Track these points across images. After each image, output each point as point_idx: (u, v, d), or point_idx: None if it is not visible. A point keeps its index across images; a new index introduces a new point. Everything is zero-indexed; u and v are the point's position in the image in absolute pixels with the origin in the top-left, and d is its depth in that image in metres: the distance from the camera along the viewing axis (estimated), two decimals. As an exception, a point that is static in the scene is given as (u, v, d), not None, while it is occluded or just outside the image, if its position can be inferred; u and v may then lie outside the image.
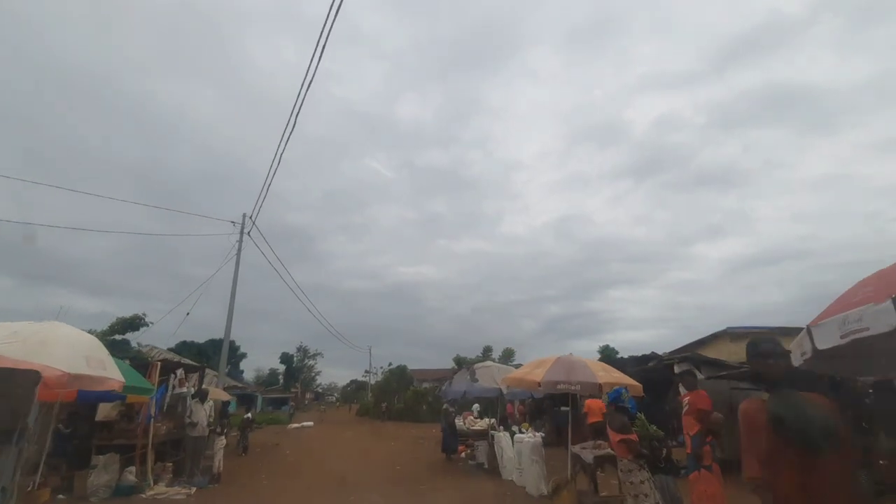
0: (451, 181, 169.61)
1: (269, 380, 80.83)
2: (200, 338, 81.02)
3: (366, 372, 49.81)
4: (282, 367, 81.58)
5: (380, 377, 44.41)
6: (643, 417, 7.73)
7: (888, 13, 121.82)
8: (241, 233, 16.63)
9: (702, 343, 20.00)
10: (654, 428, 7.85)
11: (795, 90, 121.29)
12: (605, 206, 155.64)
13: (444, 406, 13.75)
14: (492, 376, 10.66)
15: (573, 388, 6.26)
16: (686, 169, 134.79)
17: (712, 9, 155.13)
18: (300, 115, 8.50)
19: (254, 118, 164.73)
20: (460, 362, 34.66)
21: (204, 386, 12.59)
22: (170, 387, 10.81)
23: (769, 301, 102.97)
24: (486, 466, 11.26)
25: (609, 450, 6.74)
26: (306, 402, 60.99)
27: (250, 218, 16.54)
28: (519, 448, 8.82)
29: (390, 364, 43.37)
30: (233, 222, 16.68)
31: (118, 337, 21.69)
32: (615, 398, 5.93)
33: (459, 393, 10.99)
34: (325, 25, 5.90)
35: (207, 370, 17.97)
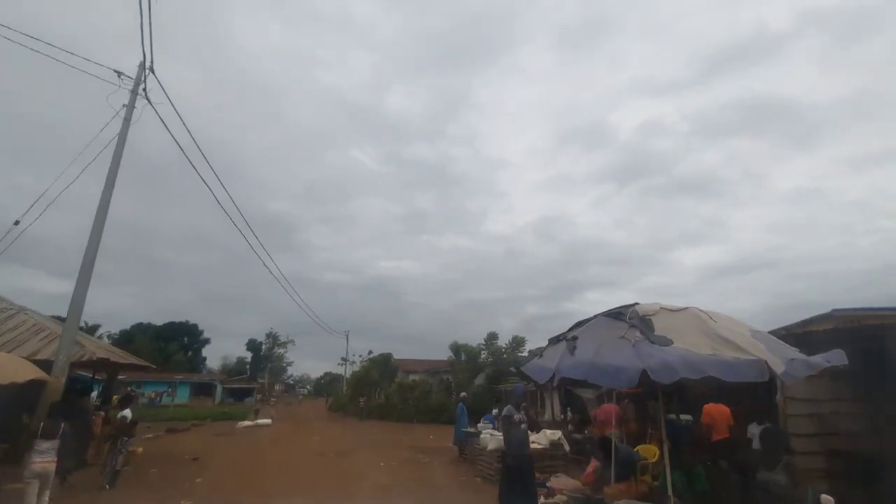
0: (436, 176, 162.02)
1: (236, 369, 71.85)
2: (159, 319, 71.67)
3: (342, 360, 42.07)
4: (249, 356, 72.90)
5: (358, 367, 36.80)
6: None
7: (869, 32, 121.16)
8: (134, 91, 9.11)
9: (805, 326, 13.98)
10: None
11: (777, 103, 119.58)
12: (587, 209, 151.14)
13: (505, 410, 6.56)
14: (717, 333, 3.53)
15: None
16: (668, 175, 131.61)
17: (701, 18, 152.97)
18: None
19: (240, 100, 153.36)
20: (458, 350, 27.58)
21: None
22: None
23: (742, 308, 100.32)
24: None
25: None
26: (270, 394, 52.47)
27: (148, 68, 9.03)
28: None
29: (370, 353, 35.83)
30: (119, 73, 9.13)
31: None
32: None
33: (622, 376, 3.73)
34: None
35: (42, 323, 10.03)
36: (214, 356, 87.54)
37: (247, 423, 23.11)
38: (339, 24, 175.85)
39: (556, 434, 8.97)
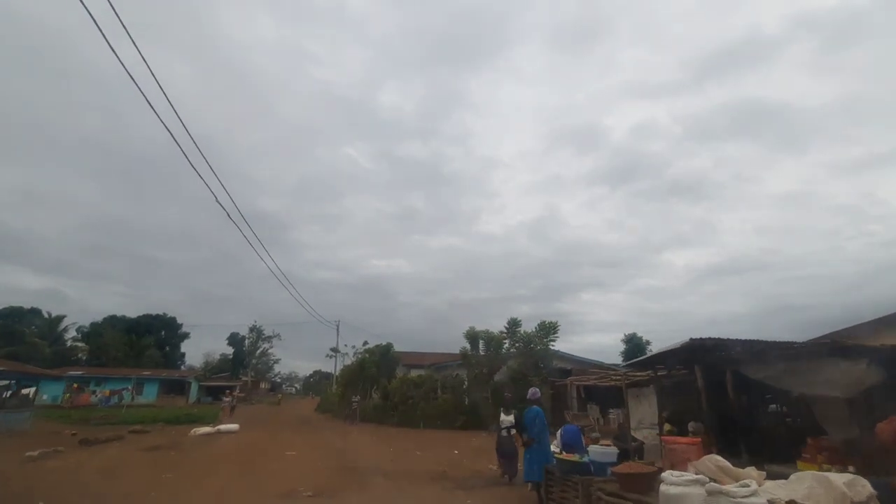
0: (429, 175, 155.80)
1: (220, 366, 65.10)
2: (125, 308, 64.78)
3: (331, 351, 36.06)
4: (232, 353, 66.13)
5: (351, 359, 30.89)
6: None
7: (859, 36, 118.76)
8: None
9: None
10: None
11: (768, 107, 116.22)
12: (579, 210, 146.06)
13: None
14: None
15: None
16: (660, 178, 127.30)
17: (695, 21, 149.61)
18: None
19: (229, 94, 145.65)
20: (475, 339, 22.00)
21: None
22: None
23: (730, 310, 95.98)
24: None
25: None
26: (240, 395, 45.99)
27: None
28: None
29: (366, 343, 29.94)
30: None
31: None
32: None
33: None
34: None
35: None
36: (197, 353, 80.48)
37: (205, 429, 17.22)
38: (331, 18, 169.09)
39: (861, 486, 3.48)
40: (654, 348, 39.73)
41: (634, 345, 37.52)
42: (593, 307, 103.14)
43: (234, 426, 18.07)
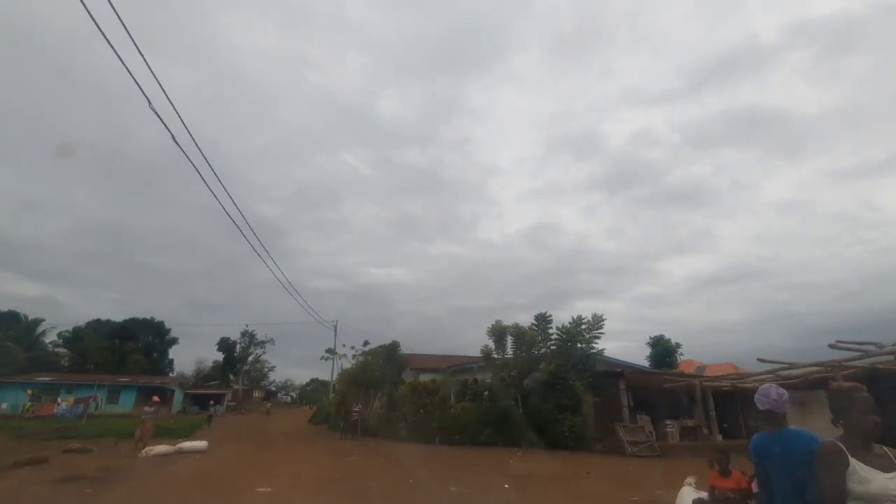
0: (428, 182, 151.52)
1: (212, 374, 60.49)
2: (118, 315, 60.34)
3: (327, 352, 31.88)
4: (223, 358, 61.53)
5: (350, 362, 26.70)
6: None
7: (856, 44, 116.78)
8: None
9: None
10: None
11: (766, 115, 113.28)
12: (578, 217, 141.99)
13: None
14: None
15: None
16: (658, 185, 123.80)
17: (693, 29, 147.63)
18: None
19: (227, 99, 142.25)
20: (502, 335, 18.03)
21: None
22: None
23: (729, 318, 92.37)
24: None
25: None
26: (226, 404, 41.42)
27: None
28: None
29: (367, 344, 25.82)
30: None
31: None
32: None
33: None
34: None
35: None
36: (189, 360, 75.63)
37: (162, 448, 13.08)
38: (331, 24, 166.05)
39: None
40: (686, 352, 35.86)
41: (662, 347, 33.56)
42: (589, 314, 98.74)
43: (201, 444, 14.00)
